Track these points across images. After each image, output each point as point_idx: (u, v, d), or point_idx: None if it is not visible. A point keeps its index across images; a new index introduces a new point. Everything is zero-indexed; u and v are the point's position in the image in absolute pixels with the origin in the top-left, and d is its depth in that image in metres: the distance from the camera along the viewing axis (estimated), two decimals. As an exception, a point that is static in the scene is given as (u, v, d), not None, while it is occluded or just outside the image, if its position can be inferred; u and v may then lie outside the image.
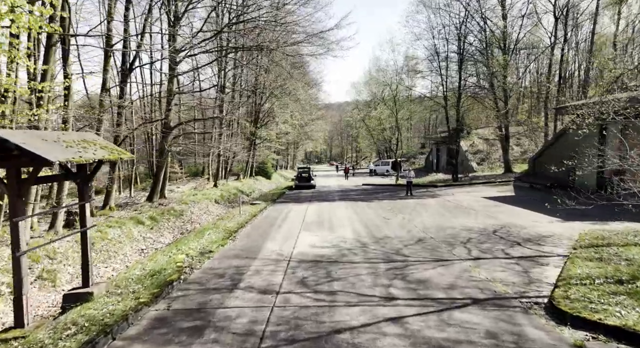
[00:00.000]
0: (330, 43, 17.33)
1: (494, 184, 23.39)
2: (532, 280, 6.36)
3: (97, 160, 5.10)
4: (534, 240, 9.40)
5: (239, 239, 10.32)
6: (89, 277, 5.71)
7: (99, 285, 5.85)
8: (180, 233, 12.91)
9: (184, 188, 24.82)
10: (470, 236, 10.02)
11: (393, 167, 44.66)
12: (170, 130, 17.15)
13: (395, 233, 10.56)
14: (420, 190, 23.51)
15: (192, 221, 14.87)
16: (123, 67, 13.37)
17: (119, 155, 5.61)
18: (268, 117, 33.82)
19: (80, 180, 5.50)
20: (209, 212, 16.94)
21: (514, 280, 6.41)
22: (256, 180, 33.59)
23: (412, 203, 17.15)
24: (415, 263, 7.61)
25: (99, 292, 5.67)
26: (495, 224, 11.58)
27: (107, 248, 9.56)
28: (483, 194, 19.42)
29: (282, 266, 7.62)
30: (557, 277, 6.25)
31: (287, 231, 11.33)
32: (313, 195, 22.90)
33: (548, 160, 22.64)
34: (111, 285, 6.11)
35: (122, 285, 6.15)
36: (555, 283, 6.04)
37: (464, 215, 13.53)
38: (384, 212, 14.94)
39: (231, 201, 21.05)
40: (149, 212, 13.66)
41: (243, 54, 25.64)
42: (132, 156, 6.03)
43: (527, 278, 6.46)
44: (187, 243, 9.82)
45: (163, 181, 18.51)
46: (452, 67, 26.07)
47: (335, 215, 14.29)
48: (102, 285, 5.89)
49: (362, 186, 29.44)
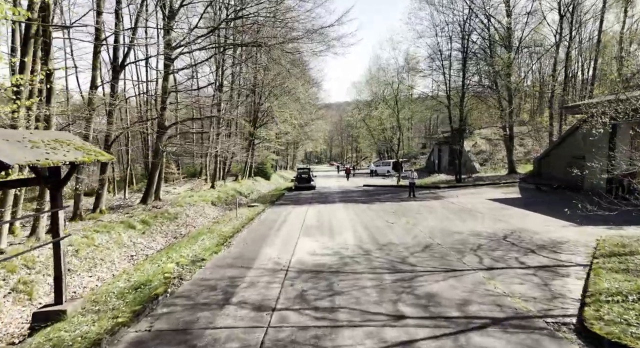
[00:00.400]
0: (330, 40, 16.75)
1: (498, 185, 22.79)
2: (554, 295, 5.76)
3: (69, 162, 4.51)
4: (549, 246, 8.80)
5: (234, 245, 9.72)
6: (62, 292, 5.12)
7: (74, 301, 5.25)
8: (173, 238, 12.32)
9: (180, 189, 24.22)
10: (480, 242, 9.43)
11: (394, 167, 44.06)
12: (165, 130, 16.56)
13: (400, 239, 9.96)
14: (422, 191, 22.91)
15: (187, 224, 14.26)
16: (114, 64, 12.79)
17: (96, 157, 5.02)
18: (267, 117, 33.22)
19: (52, 185, 4.91)
20: (205, 215, 16.33)
21: (535, 294, 5.81)
22: (255, 181, 32.99)
23: (415, 206, 16.56)
24: (424, 273, 7.01)
25: (74, 309, 5.07)
26: (504, 229, 10.99)
27: (93, 256, 8.96)
28: (488, 196, 18.83)
29: (279, 277, 7.02)
30: (583, 292, 5.66)
31: (286, 236, 10.73)
32: (313, 197, 22.30)
33: (554, 161, 22.07)
34: (89, 301, 5.52)
35: (102, 301, 5.55)
36: (581, 299, 5.45)
37: (470, 218, 12.94)
38: (387, 215, 14.35)
39: (228, 203, 20.44)
40: (142, 215, 13.05)
41: (242, 51, 25.08)
42: (112, 157, 5.45)
43: (549, 293, 5.86)
44: (178, 250, 9.23)
45: (158, 182, 17.91)
46: (455, 66, 25.50)
47: (336, 218, 13.69)
48: (77, 301, 5.30)
49: (363, 187, 28.85)
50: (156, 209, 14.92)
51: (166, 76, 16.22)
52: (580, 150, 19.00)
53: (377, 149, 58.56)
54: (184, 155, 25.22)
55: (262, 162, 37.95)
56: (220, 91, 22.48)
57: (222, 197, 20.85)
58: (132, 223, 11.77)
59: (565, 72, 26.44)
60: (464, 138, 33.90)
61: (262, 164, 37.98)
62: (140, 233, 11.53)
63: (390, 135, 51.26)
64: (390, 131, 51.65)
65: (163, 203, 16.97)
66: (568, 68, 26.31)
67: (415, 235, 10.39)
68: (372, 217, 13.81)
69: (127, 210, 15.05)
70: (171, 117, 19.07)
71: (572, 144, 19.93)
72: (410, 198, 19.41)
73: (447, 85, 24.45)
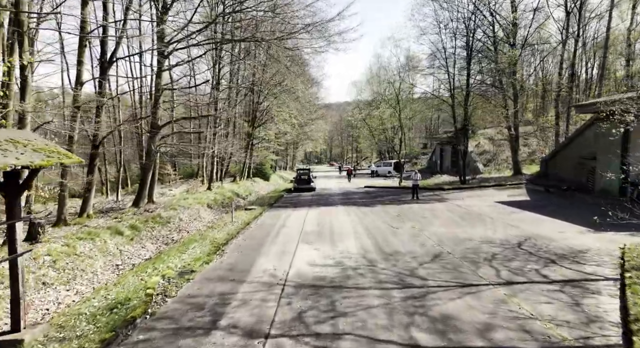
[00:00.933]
0: (331, 35, 16.01)
1: (504, 187, 22.06)
2: (590, 318, 5.02)
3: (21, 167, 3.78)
4: (570, 256, 8.07)
5: (227, 254, 8.98)
6: (20, 318, 4.38)
7: (34, 328, 4.52)
8: (164, 244, 11.58)
9: (176, 191, 23.49)
10: (494, 251, 8.70)
11: (395, 168, 43.33)
12: (158, 129, 15.83)
13: (407, 247, 9.23)
14: (426, 193, 22.18)
15: (180, 229, 13.53)
16: (102, 59, 12.03)
17: (59, 160, 4.30)
18: (266, 116, 32.49)
19: (6, 193, 4.19)
20: (199, 219, 15.60)
21: (567, 317, 5.08)
22: (254, 182, 32.26)
23: (419, 209, 15.83)
24: (437, 289, 6.28)
25: (33, 338, 4.34)
26: (518, 235, 10.27)
27: (73, 266, 8.22)
28: (495, 198, 18.11)
29: (275, 292, 6.29)
30: (623, 316, 4.93)
31: (283, 244, 9.99)
32: (313, 199, 21.57)
33: (562, 162, 21.34)
34: (54, 326, 4.78)
35: (69, 325, 4.82)
36: (623, 324, 4.72)
37: (480, 223, 12.20)
38: (391, 219, 13.61)
39: (225, 205, 19.71)
40: (131, 220, 12.31)
41: (240, 50, 24.36)
42: (79, 160, 4.72)
43: (583, 315, 5.13)
44: (166, 259, 8.49)
45: (151, 184, 17.17)
46: (459, 64, 24.75)
47: (338, 223, 12.96)
48: (39, 327, 4.57)
49: (364, 188, 28.12)
50: (148, 213, 14.18)
51: (159, 73, 15.48)
52: (591, 150, 18.28)
53: (378, 149, 57.81)
54: (178, 155, 24.46)
55: (261, 162, 37.23)
56: (217, 89, 21.73)
57: (219, 199, 20.11)
58: (120, 229, 11.03)
59: (571, 71, 25.69)
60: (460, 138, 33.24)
61: (261, 164, 37.26)
62: (129, 239, 10.79)
63: (391, 135, 50.62)
64: (391, 131, 51.00)
65: (156, 206, 16.24)
66: (574, 66, 25.55)
67: (423, 243, 9.66)
68: (375, 222, 13.08)
69: (117, 213, 14.31)
70: (165, 116, 18.33)
71: (582, 144, 19.21)
72: (413, 201, 18.69)
73: (451, 84, 23.72)
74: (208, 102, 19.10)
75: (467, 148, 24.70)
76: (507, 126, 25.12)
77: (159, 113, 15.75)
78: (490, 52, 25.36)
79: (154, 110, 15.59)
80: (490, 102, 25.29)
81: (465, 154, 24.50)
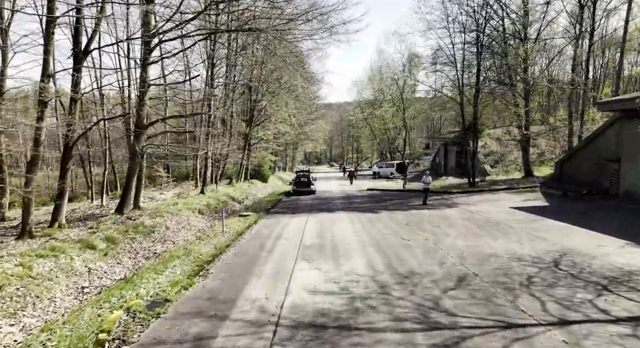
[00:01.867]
0: (332, 26, 14.64)
1: (517, 191, 20.68)
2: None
3: None
4: (624, 281, 6.70)
5: (212, 276, 7.59)
6: None
7: None
8: (145, 259, 10.20)
9: (168, 194, 22.11)
10: (528, 272, 7.32)
11: (398, 169, 41.95)
12: (144, 129, 14.46)
13: (424, 266, 7.85)
14: (433, 197, 20.79)
15: (164, 240, 12.14)
16: (75, 48, 10.67)
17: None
18: (264, 116, 31.12)
19: None
20: (189, 227, 14.22)
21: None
22: (251, 184, 30.87)
23: (430, 216, 14.45)
24: (472, 332, 4.90)
25: None
26: (549, 250, 8.91)
27: (25, 292, 6.84)
28: (510, 204, 16.74)
29: (265, 337, 4.91)
30: None
31: (279, 261, 8.62)
32: (313, 204, 20.20)
33: (579, 164, 19.97)
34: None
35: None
36: None
37: (501, 234, 10.84)
38: (399, 228, 12.24)
39: (219, 211, 18.31)
40: (109, 230, 10.93)
41: (237, 45, 22.99)
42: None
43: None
44: (139, 283, 7.11)
45: (137, 189, 15.80)
46: (468, 60, 23.39)
47: (341, 233, 11.58)
48: None
49: (366, 191, 26.72)
50: (130, 221, 12.80)
51: (145, 66, 14.09)
52: (614, 151, 16.91)
53: (380, 149, 56.43)
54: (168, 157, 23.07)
55: (258, 163, 35.85)
56: (211, 86, 20.34)
57: (212, 204, 18.72)
58: (93, 242, 9.65)
59: (586, 67, 24.33)
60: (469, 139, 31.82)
61: (258, 165, 35.88)
62: (102, 254, 9.41)
63: (393, 135, 49.31)
64: (394, 131, 49.70)
65: (142, 212, 14.85)
66: (589, 62, 24.17)
67: (442, 260, 8.28)
68: (382, 231, 11.70)
69: (96, 221, 12.92)
70: (155, 115, 16.94)
71: (603, 145, 17.85)
72: (422, 206, 17.30)
73: (460, 81, 22.33)
74: (200, 99, 17.71)
75: (476, 148, 23.34)
76: (518, 125, 23.74)
77: (144, 111, 14.37)
78: (500, 47, 24.00)
79: (139, 108, 14.22)
80: (499, 100, 23.93)
81: (474, 154, 23.15)
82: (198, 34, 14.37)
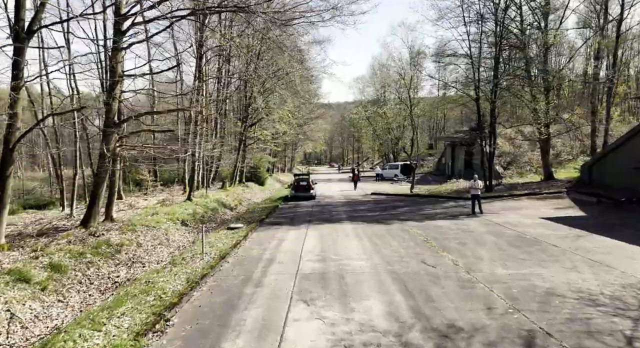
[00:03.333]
0: (335, 6, 12.47)
1: (542, 197, 18.52)
2: None
3: None
4: None
5: (170, 332, 5.41)
6: None
7: None
8: (99, 292, 8.02)
9: (152, 200, 19.92)
10: (618, 326, 5.15)
11: (403, 170, 39.76)
12: (114, 127, 12.28)
13: (466, 315, 5.68)
14: (447, 204, 18.67)
15: (132, 262, 9.97)
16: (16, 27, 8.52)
17: None
18: (261, 114, 28.93)
19: None
20: (166, 243, 12.05)
21: None
22: (246, 188, 28.71)
23: (450, 228, 12.28)
24: None
25: None
26: (625, 284, 6.77)
27: None
28: (539, 213, 14.59)
29: None
30: None
31: (267, 303, 6.44)
32: (313, 211, 18.05)
33: (612, 167, 17.79)
34: None
35: None
36: None
37: (548, 257, 8.67)
38: (418, 245, 10.08)
39: (207, 221, 16.16)
40: (58, 254, 8.74)
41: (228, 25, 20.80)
42: None
43: None
44: (64, 344, 4.93)
45: (109, 197, 13.64)
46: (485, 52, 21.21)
47: (348, 254, 9.42)
48: None
49: (371, 196, 24.55)
50: (93, 238, 10.62)
51: (115, 54, 11.93)
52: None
53: (383, 150, 54.18)
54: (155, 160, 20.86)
55: (255, 165, 33.70)
56: (199, 80, 18.14)
57: (199, 213, 16.57)
58: (29, 272, 7.47)
59: (613, 58, 22.15)
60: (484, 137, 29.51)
61: (255, 167, 33.72)
62: (39, 289, 7.23)
63: (397, 135, 47.14)
64: (398, 131, 47.55)
65: (114, 224, 12.69)
66: (617, 54, 22.00)
67: (488, 302, 6.11)
68: (398, 251, 9.54)
69: (53, 237, 10.72)
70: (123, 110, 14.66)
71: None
72: (437, 216, 15.05)
73: (476, 74, 20.12)
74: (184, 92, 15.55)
75: (494, 149, 21.17)
76: (538, 123, 21.54)
77: (114, 106, 12.19)
78: (519, 38, 21.84)
79: (109, 102, 12.04)
80: (517, 96, 21.77)
81: (492, 156, 20.96)
82: (177, 16, 12.19)
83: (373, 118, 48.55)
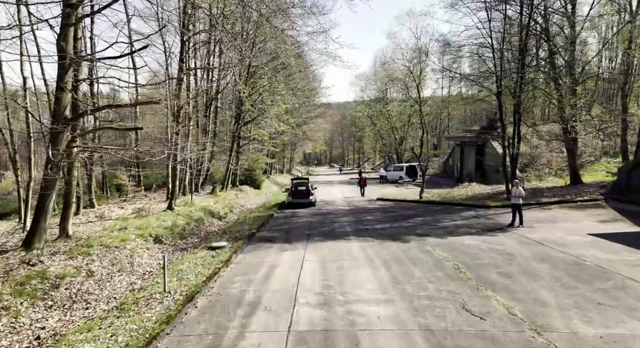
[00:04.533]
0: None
1: (575, 205, 16.09)
2: None
3: None
4: None
5: None
6: None
7: None
8: (7, 356, 5.60)
9: (129, 209, 17.49)
10: None
11: (408, 172, 37.34)
12: (65, 124, 9.86)
13: None
14: (465, 213, 16.21)
15: (73, 301, 7.55)
16: None
17: None
18: (257, 112, 26.51)
19: None
20: (129, 269, 9.62)
21: None
22: (239, 192, 26.26)
23: (484, 250, 9.83)
24: None
25: None
26: None
27: None
28: (582, 227, 12.16)
29: None
30: None
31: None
32: (312, 222, 15.65)
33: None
34: None
35: None
36: None
37: (636, 301, 6.26)
38: (451, 279, 7.66)
39: (187, 235, 13.74)
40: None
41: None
42: None
43: None
44: None
45: (65, 209, 11.22)
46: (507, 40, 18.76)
47: (359, 295, 7.00)
48: None
49: (377, 202, 22.12)
50: (26, 267, 8.19)
51: (64, 35, 9.52)
52: None
53: (386, 150, 51.72)
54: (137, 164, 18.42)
55: (250, 166, 31.28)
56: (182, 70, 15.69)
57: (180, 225, 14.15)
58: None
59: (649, 49, 19.74)
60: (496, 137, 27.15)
61: (250, 169, 31.30)
62: None
63: (401, 135, 44.76)
64: (402, 130, 45.15)
65: (67, 243, 10.28)
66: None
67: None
68: (425, 288, 7.12)
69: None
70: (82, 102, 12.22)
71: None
72: (462, 232, 12.57)
73: (499, 66, 17.64)
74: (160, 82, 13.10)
75: (518, 149, 18.75)
76: (565, 121, 19.10)
77: (65, 98, 9.77)
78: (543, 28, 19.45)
79: (59, 94, 9.65)
80: (543, 92, 19.38)
81: (516, 158, 18.53)
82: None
83: (376, 117, 46.19)
